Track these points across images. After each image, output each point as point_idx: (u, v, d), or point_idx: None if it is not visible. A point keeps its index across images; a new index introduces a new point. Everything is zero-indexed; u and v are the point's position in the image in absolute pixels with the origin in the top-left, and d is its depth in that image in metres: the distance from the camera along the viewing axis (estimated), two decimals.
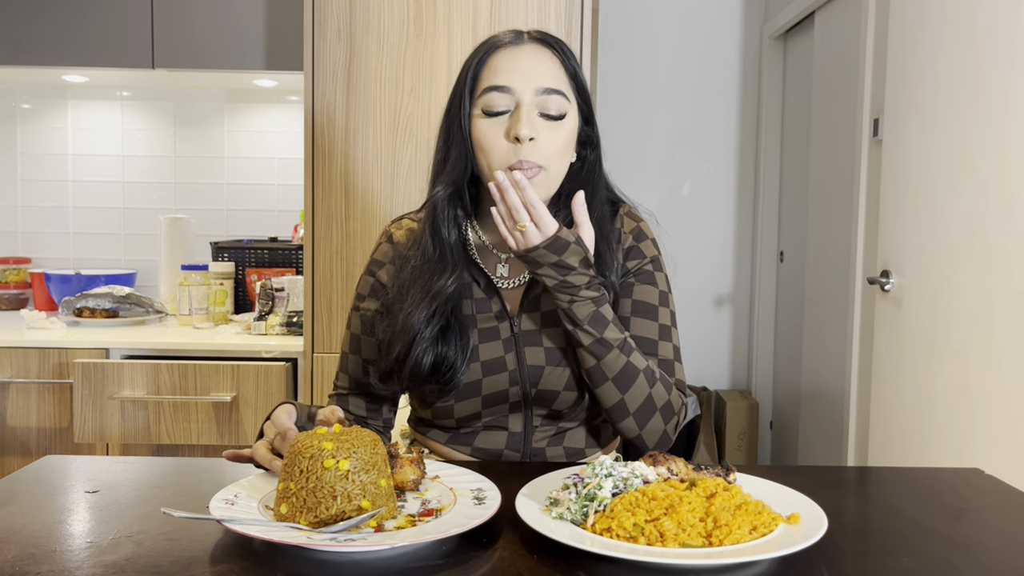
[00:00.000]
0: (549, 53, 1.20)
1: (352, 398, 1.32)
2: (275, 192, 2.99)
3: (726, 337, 4.06)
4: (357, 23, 2.13)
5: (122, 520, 0.94)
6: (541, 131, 1.16)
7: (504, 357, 1.23)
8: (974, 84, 1.89)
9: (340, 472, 0.90)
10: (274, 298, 2.48)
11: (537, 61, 1.18)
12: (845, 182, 2.94)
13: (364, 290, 1.32)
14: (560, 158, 1.19)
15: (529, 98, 1.16)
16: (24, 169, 2.97)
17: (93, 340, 2.31)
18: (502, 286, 1.26)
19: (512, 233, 1.12)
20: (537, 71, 1.17)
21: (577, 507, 0.90)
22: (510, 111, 1.17)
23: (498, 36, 1.22)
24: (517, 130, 1.14)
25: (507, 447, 1.26)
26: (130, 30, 2.49)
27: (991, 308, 1.84)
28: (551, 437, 1.27)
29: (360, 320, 1.31)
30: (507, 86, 1.17)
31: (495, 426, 1.26)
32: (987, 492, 1.11)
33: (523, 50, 1.19)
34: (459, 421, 1.26)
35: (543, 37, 1.21)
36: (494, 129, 1.17)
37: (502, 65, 1.18)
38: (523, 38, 1.21)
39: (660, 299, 1.28)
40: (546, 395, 1.24)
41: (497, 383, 1.22)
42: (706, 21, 3.92)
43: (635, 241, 1.30)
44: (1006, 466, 1.69)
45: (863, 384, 2.67)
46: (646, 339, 1.25)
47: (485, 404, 1.24)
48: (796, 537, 0.86)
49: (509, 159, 1.16)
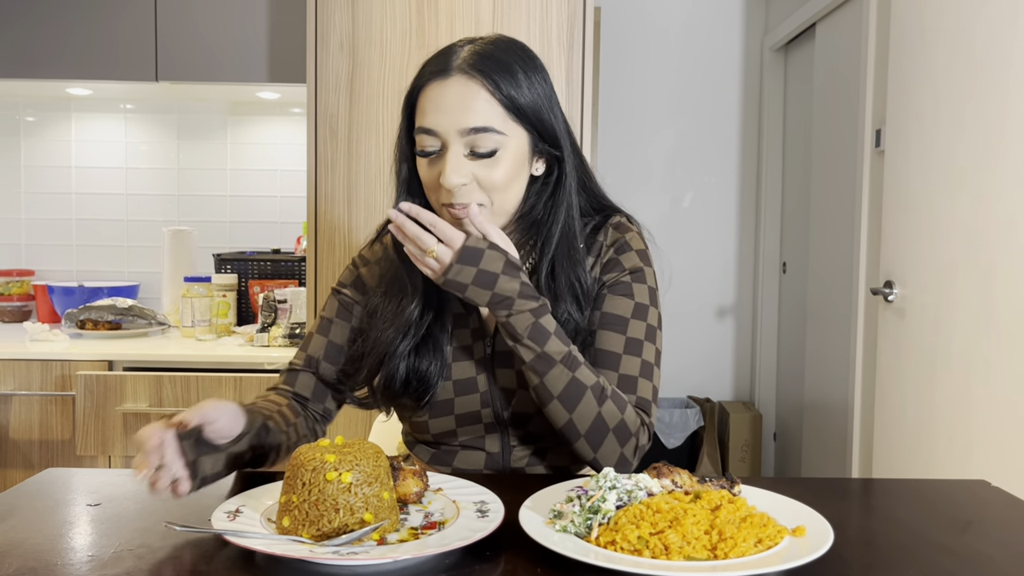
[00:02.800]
0: (477, 86, 1.10)
1: (302, 375, 1.26)
2: (278, 204, 2.99)
3: (729, 348, 4.05)
4: (360, 35, 2.14)
5: (124, 533, 0.94)
6: (474, 171, 1.11)
7: (476, 378, 1.21)
8: (975, 94, 1.89)
9: (343, 485, 0.89)
10: (277, 310, 2.48)
11: (463, 97, 1.10)
12: (847, 193, 2.94)
13: (347, 279, 1.30)
14: (504, 190, 1.13)
15: (455, 140, 1.10)
16: (28, 182, 2.97)
17: (96, 352, 2.31)
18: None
19: (426, 264, 1.08)
20: (460, 110, 1.10)
21: (581, 520, 0.90)
22: (438, 152, 1.12)
23: (429, 65, 1.15)
24: (444, 177, 1.10)
25: (486, 467, 1.25)
26: (134, 43, 2.50)
27: (994, 318, 1.83)
28: (531, 456, 1.25)
29: (338, 303, 1.28)
30: (432, 129, 1.11)
31: (472, 446, 1.25)
32: (993, 504, 1.11)
33: (448, 85, 1.11)
34: (436, 437, 1.24)
35: (473, 65, 1.11)
36: (429, 170, 1.14)
37: (429, 104, 1.12)
38: (450, 70, 1.12)
39: (634, 311, 1.19)
40: (520, 417, 1.21)
41: (469, 403, 1.21)
42: (707, 33, 3.93)
43: (615, 253, 1.22)
44: (1011, 477, 1.68)
45: (867, 395, 2.66)
46: (608, 352, 1.18)
47: (459, 423, 1.22)
48: (802, 550, 0.85)
49: (444, 199, 1.12)
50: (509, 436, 1.24)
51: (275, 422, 1.14)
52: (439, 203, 1.15)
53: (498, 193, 1.13)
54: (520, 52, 1.17)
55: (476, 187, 1.12)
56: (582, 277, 1.19)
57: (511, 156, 1.13)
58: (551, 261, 1.18)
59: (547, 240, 1.18)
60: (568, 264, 1.18)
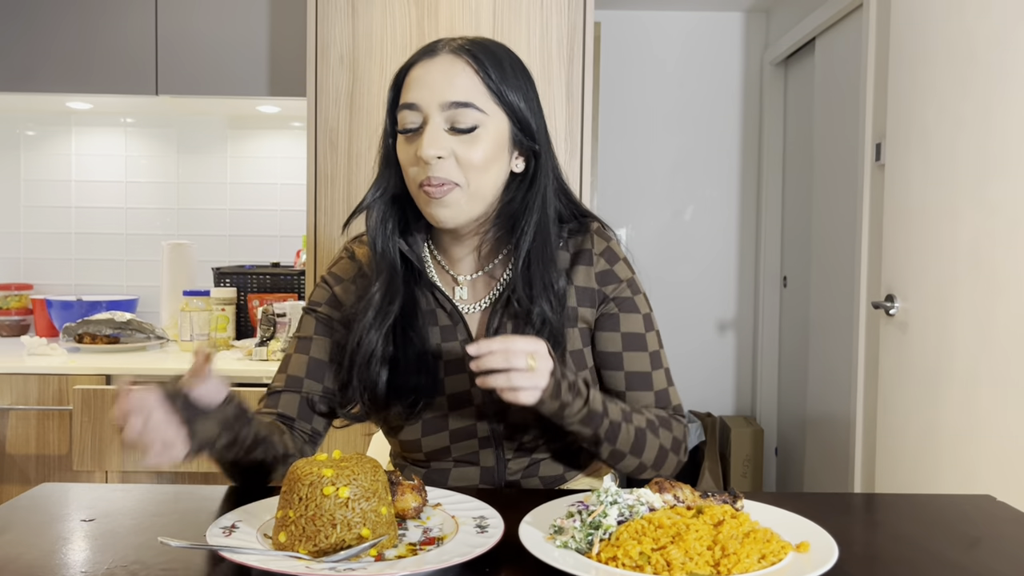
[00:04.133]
0: (463, 64, 1.12)
1: (285, 395, 1.22)
2: (277, 218, 2.99)
3: (730, 363, 4.04)
4: (360, 49, 2.14)
5: (118, 549, 0.93)
6: (453, 147, 1.10)
7: (471, 391, 1.19)
8: (975, 107, 1.89)
9: (340, 500, 0.88)
10: (276, 324, 2.47)
11: (448, 74, 1.11)
12: (848, 206, 2.93)
13: (320, 298, 1.26)
14: (481, 173, 1.12)
15: (436, 114, 1.11)
16: (27, 195, 2.97)
17: (94, 366, 2.29)
18: (464, 310, 1.22)
19: (528, 380, 1.01)
20: (443, 85, 1.11)
21: (582, 535, 0.89)
22: (419, 128, 1.12)
23: (422, 48, 1.16)
24: (419, 148, 1.10)
25: (481, 482, 1.24)
26: (134, 57, 2.51)
27: (997, 331, 1.82)
28: (525, 469, 1.24)
29: (315, 320, 1.25)
30: (415, 103, 1.12)
31: (466, 461, 1.23)
32: (1000, 519, 1.09)
33: (435, 63, 1.12)
34: (428, 455, 1.23)
35: (463, 47, 1.13)
36: (406, 148, 1.14)
37: (413, 81, 1.13)
38: (439, 50, 1.14)
39: (645, 324, 1.23)
40: (516, 429, 1.20)
41: (464, 416, 1.19)
42: (707, 48, 3.94)
43: (608, 264, 1.22)
44: (1016, 492, 1.66)
45: (869, 409, 2.64)
46: (640, 373, 1.21)
47: (453, 438, 1.21)
48: (806, 566, 0.84)
49: (419, 177, 1.12)
50: (504, 449, 1.23)
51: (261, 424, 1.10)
52: (416, 182, 1.13)
53: (475, 173, 1.12)
54: (509, 52, 1.19)
55: (454, 164, 1.11)
56: (555, 278, 1.17)
57: (491, 137, 1.12)
58: (526, 259, 1.16)
59: (523, 235, 1.16)
60: (542, 264, 1.16)
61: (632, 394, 1.22)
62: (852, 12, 2.94)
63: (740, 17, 3.94)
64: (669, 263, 3.91)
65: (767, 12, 3.91)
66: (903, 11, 2.22)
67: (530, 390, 1.01)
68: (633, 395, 1.22)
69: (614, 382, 1.22)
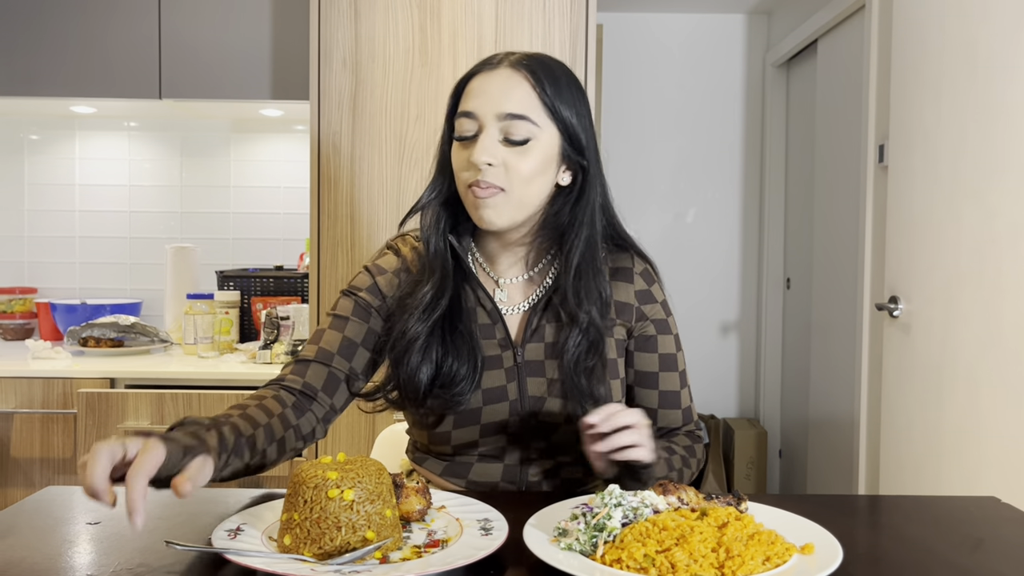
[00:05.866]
0: (520, 77, 1.17)
1: (314, 366, 1.22)
2: (281, 221, 2.99)
3: (733, 365, 4.03)
4: (363, 53, 2.14)
5: (123, 552, 0.93)
6: (505, 157, 1.15)
7: (506, 387, 1.22)
8: (979, 108, 1.89)
9: (345, 502, 0.88)
10: (279, 327, 2.47)
11: (505, 87, 1.17)
12: (851, 208, 2.93)
13: (362, 284, 1.28)
14: (527, 184, 1.17)
15: (492, 123, 1.16)
16: (31, 199, 2.98)
17: (98, 370, 2.30)
18: (504, 311, 1.26)
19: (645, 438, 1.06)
20: (501, 97, 1.16)
21: (586, 537, 0.89)
22: (474, 136, 1.17)
23: (483, 60, 1.22)
24: (474, 156, 1.15)
25: (503, 479, 1.25)
26: (137, 61, 2.51)
27: (1001, 333, 1.82)
28: (547, 471, 1.26)
29: (353, 303, 1.26)
30: (472, 112, 1.17)
31: (490, 456, 1.25)
32: (1004, 521, 1.09)
33: (495, 75, 1.18)
34: (456, 448, 1.24)
35: (521, 61, 1.19)
36: (460, 153, 1.19)
37: (473, 91, 1.18)
38: (499, 63, 1.19)
39: (676, 344, 1.31)
40: (546, 427, 1.22)
41: (497, 412, 1.22)
42: (709, 49, 3.94)
43: (646, 284, 1.30)
44: (1021, 494, 1.66)
45: (873, 411, 2.64)
46: (671, 392, 1.29)
47: (483, 433, 1.22)
48: (810, 568, 0.84)
49: (468, 179, 1.17)
50: (530, 448, 1.24)
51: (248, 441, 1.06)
52: (465, 184, 1.18)
53: (521, 184, 1.17)
54: (566, 68, 1.24)
55: (503, 172, 1.16)
56: (604, 287, 1.23)
57: (541, 150, 1.17)
58: (577, 270, 1.21)
59: (572, 247, 1.21)
60: (592, 273, 1.22)
61: (663, 412, 1.30)
62: (854, 14, 2.94)
63: (742, 19, 3.94)
64: (671, 265, 3.91)
65: (769, 14, 3.91)
66: (905, 12, 2.22)
67: (648, 448, 1.06)
68: (663, 412, 1.30)
69: (647, 400, 1.30)
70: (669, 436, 1.31)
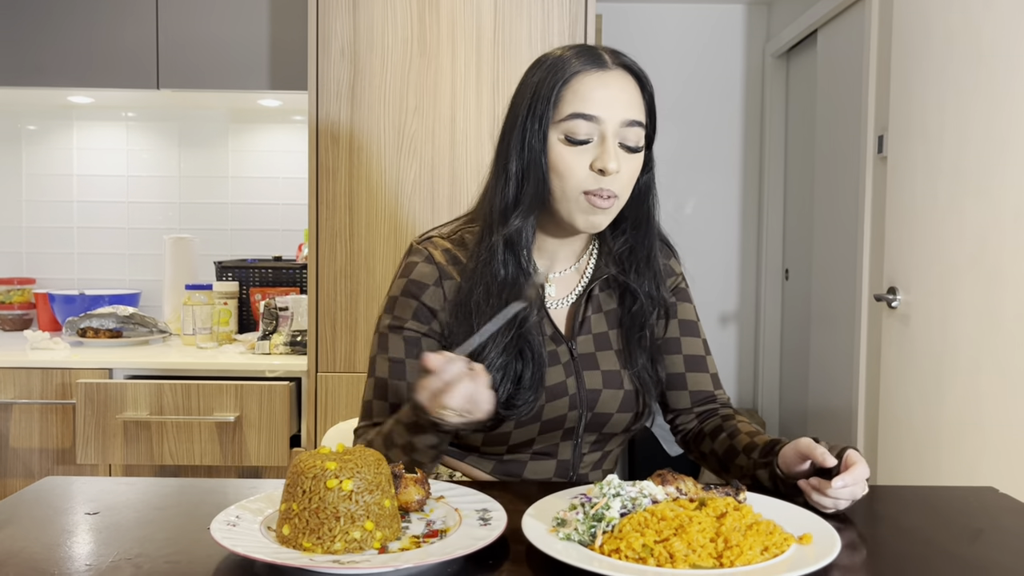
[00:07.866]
0: (633, 82, 1.17)
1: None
2: (279, 211, 2.99)
3: (732, 355, 4.04)
4: (361, 43, 2.13)
5: (122, 543, 0.93)
6: (623, 163, 1.15)
7: (565, 382, 1.21)
8: (979, 98, 1.88)
9: (343, 492, 0.88)
10: (278, 317, 2.47)
11: (625, 92, 1.16)
12: (850, 199, 2.93)
13: (405, 313, 1.21)
14: (630, 187, 1.19)
15: (613, 129, 1.14)
16: (29, 190, 2.97)
17: (96, 360, 2.30)
18: (550, 306, 1.25)
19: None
20: (623, 102, 1.15)
21: (585, 527, 0.89)
22: (593, 140, 1.13)
23: (574, 58, 1.15)
24: (605, 163, 1.12)
25: (556, 475, 1.25)
26: (135, 51, 2.50)
27: (1000, 323, 1.82)
28: (595, 463, 1.27)
29: (404, 342, 1.20)
30: (595, 115, 1.13)
31: (544, 453, 1.24)
32: (1003, 511, 1.09)
33: (610, 77, 1.15)
34: (511, 448, 1.22)
35: (627, 63, 1.18)
36: (575, 156, 1.13)
37: (590, 92, 1.13)
38: (607, 63, 1.16)
39: (696, 314, 1.34)
40: (600, 418, 1.23)
41: (557, 408, 1.20)
42: (709, 40, 3.93)
43: (665, 259, 1.32)
44: (1019, 484, 1.66)
45: (871, 402, 2.64)
46: (696, 356, 1.31)
47: (542, 430, 1.21)
48: (808, 558, 0.84)
49: (588, 185, 1.13)
50: (581, 442, 1.24)
51: None
52: (580, 190, 1.14)
53: (628, 189, 1.19)
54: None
55: (617, 178, 1.15)
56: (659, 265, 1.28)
57: (642, 155, 1.21)
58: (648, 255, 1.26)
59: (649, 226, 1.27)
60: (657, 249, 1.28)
61: (691, 375, 1.30)
62: (854, 4, 2.93)
63: (742, 9, 3.93)
64: None
65: (769, 4, 3.90)
66: (905, 2, 2.21)
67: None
68: (692, 376, 1.30)
69: (673, 365, 1.30)
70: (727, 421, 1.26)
